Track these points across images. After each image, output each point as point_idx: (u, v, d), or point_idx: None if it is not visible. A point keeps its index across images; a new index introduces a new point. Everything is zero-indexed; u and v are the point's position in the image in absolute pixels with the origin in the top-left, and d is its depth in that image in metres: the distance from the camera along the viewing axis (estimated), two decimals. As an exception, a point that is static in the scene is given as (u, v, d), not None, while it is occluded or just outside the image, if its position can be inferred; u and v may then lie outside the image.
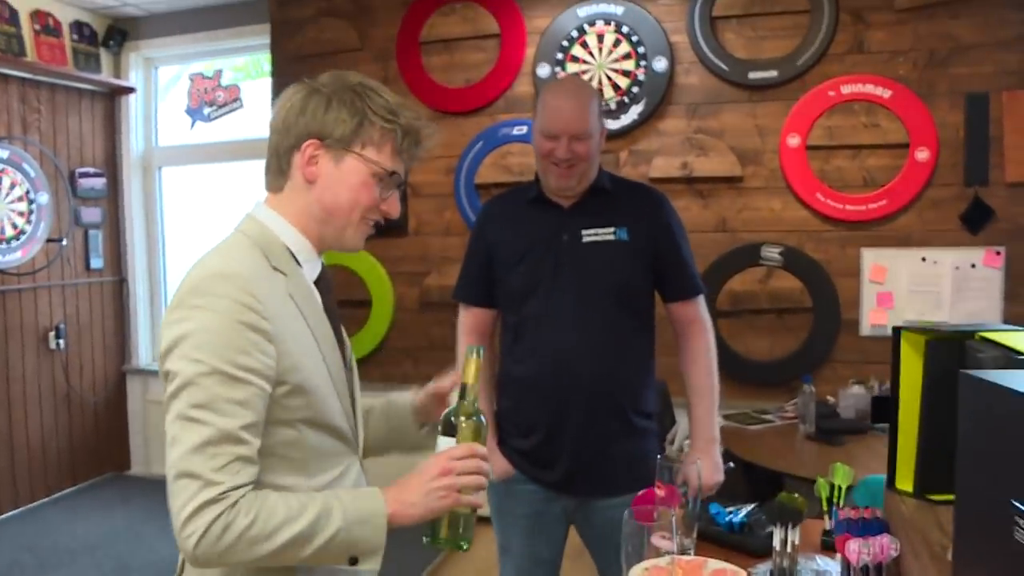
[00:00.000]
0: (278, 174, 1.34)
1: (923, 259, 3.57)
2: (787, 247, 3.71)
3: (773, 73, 3.69)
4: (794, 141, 3.67)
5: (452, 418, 1.30)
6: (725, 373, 3.72)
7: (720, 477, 2.11)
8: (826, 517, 1.58)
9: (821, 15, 3.60)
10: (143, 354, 5.22)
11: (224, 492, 1.12)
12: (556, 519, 2.18)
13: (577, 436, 2.09)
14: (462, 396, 1.32)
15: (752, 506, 1.64)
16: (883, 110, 3.57)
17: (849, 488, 1.55)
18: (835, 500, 1.56)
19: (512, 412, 2.23)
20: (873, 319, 3.64)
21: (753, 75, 3.72)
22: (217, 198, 5.06)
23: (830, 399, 3.46)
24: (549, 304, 2.08)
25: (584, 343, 2.05)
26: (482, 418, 1.31)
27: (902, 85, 3.54)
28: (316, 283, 1.37)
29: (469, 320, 2.32)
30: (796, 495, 1.39)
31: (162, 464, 1.20)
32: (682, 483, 1.52)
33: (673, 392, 3.75)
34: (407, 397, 1.55)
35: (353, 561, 1.22)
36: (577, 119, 2.03)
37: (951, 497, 1.20)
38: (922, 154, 3.53)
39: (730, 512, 1.65)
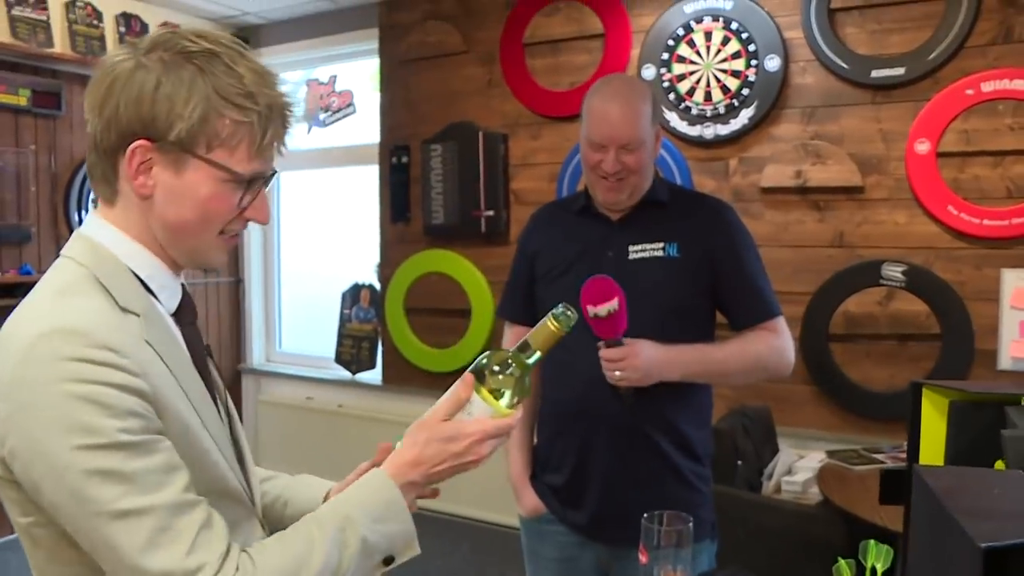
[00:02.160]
0: (105, 181, 1.05)
1: (1078, 283, 3.07)
2: (912, 266, 3.29)
3: (900, 71, 3.28)
4: (923, 147, 3.25)
5: (488, 367, 1.11)
6: (837, 403, 3.40)
7: (639, 381, 1.77)
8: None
9: (959, 1, 3.17)
10: (257, 354, 5.35)
11: (216, 571, 0.94)
12: (589, 568, 1.99)
13: (606, 476, 1.89)
14: (521, 349, 1.13)
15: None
16: (1034, 110, 3.10)
17: (887, 572, 1.27)
18: (868, 587, 1.28)
19: (545, 444, 2.06)
20: (1015, 351, 3.16)
21: (877, 73, 3.32)
22: (330, 202, 5.14)
23: (955, 440, 3.04)
24: (585, 325, 1.88)
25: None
26: (526, 380, 1.12)
27: (1058, 81, 3.06)
28: (177, 314, 1.10)
29: (512, 339, 2.17)
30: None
31: (276, 462, 1.06)
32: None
33: (779, 421, 3.44)
34: (320, 490, 1.29)
35: (389, 561, 1.08)
36: (626, 125, 1.82)
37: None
38: (1080, 161, 3.04)
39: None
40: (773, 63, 3.51)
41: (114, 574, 0.96)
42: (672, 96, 3.72)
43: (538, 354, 1.14)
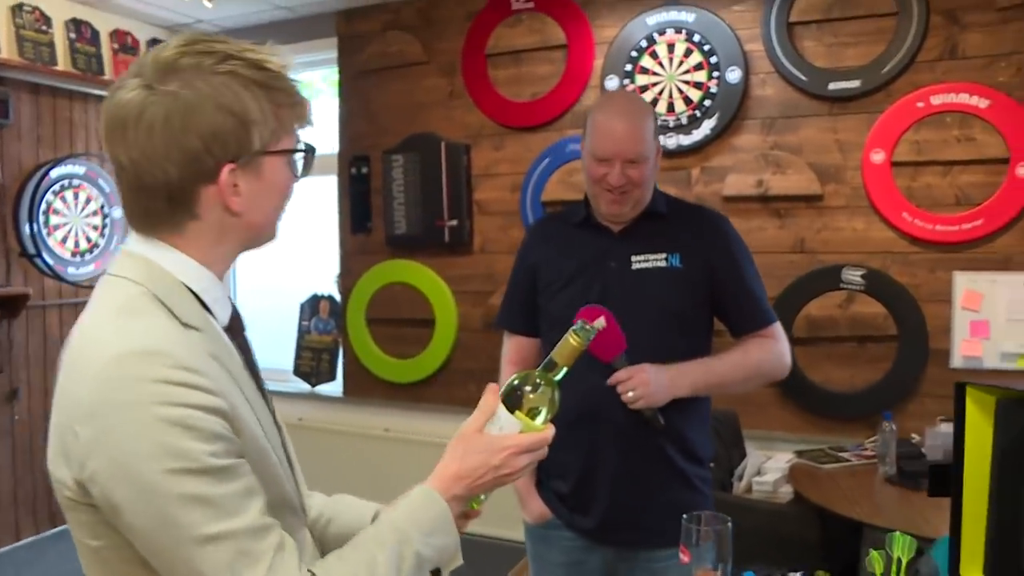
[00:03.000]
0: (173, 215, 1.02)
1: (1024, 285, 3.25)
2: (870, 270, 3.43)
3: (856, 83, 3.42)
4: (878, 157, 3.40)
5: (520, 388, 1.16)
6: (799, 404, 3.52)
7: (652, 397, 1.83)
8: (882, 597, 1.37)
9: (910, 18, 3.33)
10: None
11: None
12: (595, 571, 2.02)
13: (613, 481, 1.93)
14: (547, 368, 1.17)
15: (798, 574, 1.45)
16: (979, 122, 3.26)
17: (911, 563, 1.34)
18: (893, 575, 1.35)
19: (549, 451, 2.08)
20: (966, 350, 3.32)
21: (834, 86, 3.46)
22: (287, 212, 5.07)
23: (915, 437, 3.18)
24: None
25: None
26: (556, 395, 1.18)
27: (1002, 93, 3.22)
28: (228, 327, 1.10)
29: (512, 349, 2.18)
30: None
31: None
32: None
33: (745, 424, 3.54)
34: (366, 511, 1.29)
35: (436, 573, 1.11)
36: (631, 140, 1.87)
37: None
38: (1024, 170, 3.22)
39: (771, 582, 1.46)
40: (734, 75, 3.61)
41: None
42: (635, 107, 3.80)
43: (565, 370, 1.19)
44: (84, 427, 0.92)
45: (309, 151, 1.10)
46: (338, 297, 4.68)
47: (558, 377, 1.18)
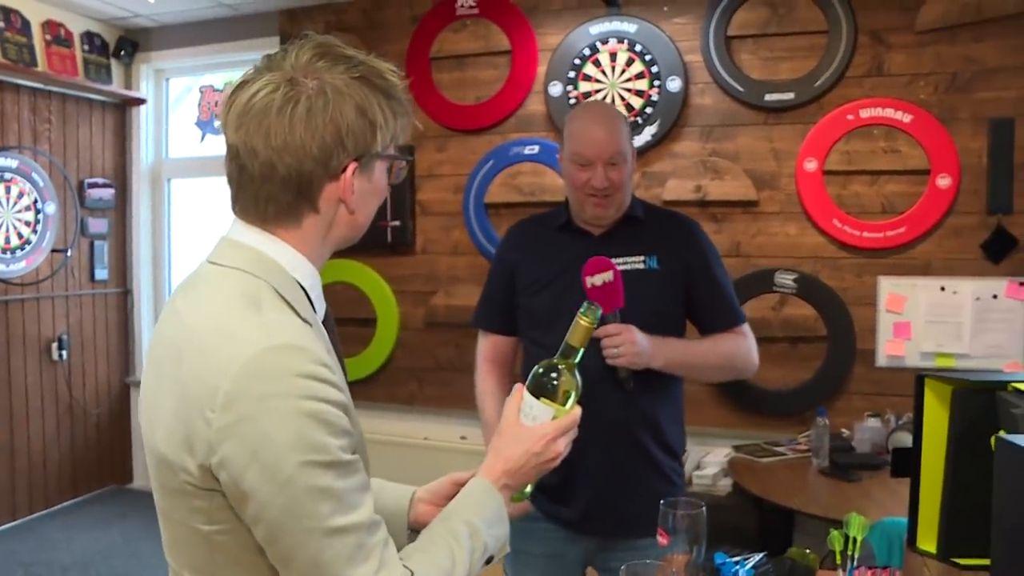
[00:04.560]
0: (296, 207, 1.05)
1: (942, 289, 3.46)
2: (802, 274, 3.61)
3: (790, 95, 3.60)
4: (811, 165, 3.58)
5: (545, 376, 1.23)
6: (736, 402, 3.67)
7: (634, 357, 1.89)
8: (840, 572, 1.49)
9: (839, 36, 3.52)
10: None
11: None
12: (574, 561, 2.08)
13: (595, 473, 1.98)
14: (565, 355, 1.25)
15: (760, 555, 1.55)
16: (903, 135, 3.47)
17: (865, 539, 1.46)
18: (850, 552, 1.47)
19: None
20: (890, 350, 3.53)
21: (769, 97, 3.63)
22: (224, 211, 5.02)
23: (845, 432, 3.36)
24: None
25: (607, 375, 1.94)
26: (578, 377, 1.25)
27: (923, 109, 3.44)
28: (323, 323, 1.15)
29: (488, 348, 2.23)
30: (808, 551, 1.30)
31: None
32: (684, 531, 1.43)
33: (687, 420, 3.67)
34: (403, 493, 1.33)
35: (489, 560, 1.16)
36: (610, 142, 1.95)
37: (980, 562, 1.11)
38: (943, 181, 3.43)
39: (736, 562, 1.56)
40: (674, 84, 3.75)
41: None
42: (578, 113, 3.91)
43: (581, 351, 1.26)
44: (220, 414, 0.94)
45: (410, 161, 1.17)
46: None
47: (578, 359, 1.25)
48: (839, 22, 3.52)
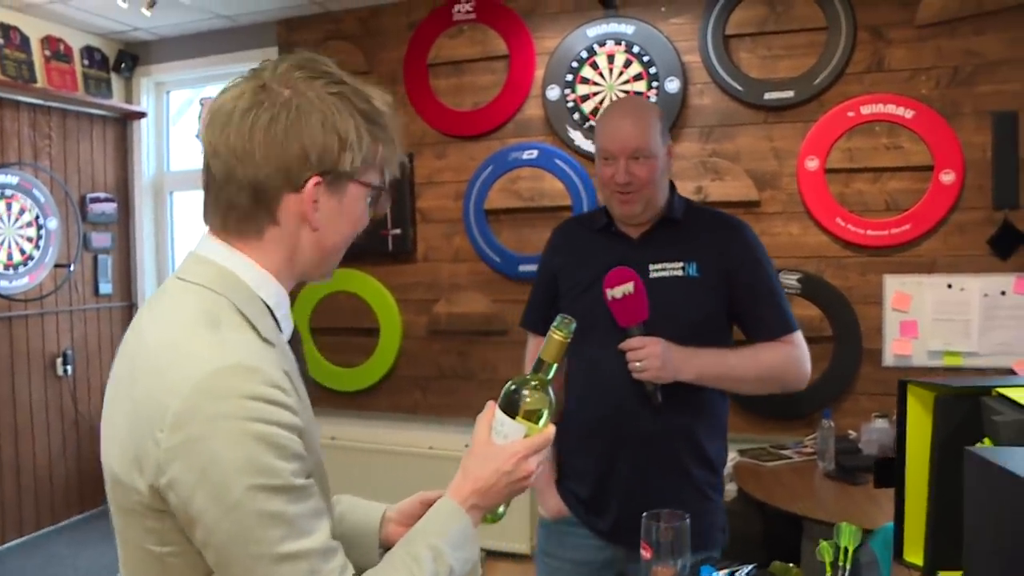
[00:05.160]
0: (256, 218, 1.04)
1: (949, 286, 3.40)
2: (805, 274, 3.56)
3: (789, 93, 3.55)
4: (812, 164, 3.53)
5: (516, 393, 1.18)
6: (741, 405, 3.61)
7: (659, 371, 1.83)
8: (830, 584, 1.44)
9: (838, 32, 3.47)
10: (152, 381, 5.15)
11: None
12: (604, 569, 2.04)
13: (628, 485, 1.95)
14: (536, 369, 1.20)
15: (749, 568, 1.51)
16: (905, 131, 3.41)
17: (856, 549, 1.41)
18: (841, 563, 1.42)
19: (568, 453, 2.09)
20: (897, 349, 3.47)
21: (769, 96, 3.58)
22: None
23: (851, 433, 3.30)
24: (609, 341, 1.90)
25: (637, 388, 1.89)
26: (551, 393, 1.20)
27: (925, 105, 3.38)
28: (289, 342, 1.12)
29: (534, 349, 2.20)
30: (791, 566, 1.25)
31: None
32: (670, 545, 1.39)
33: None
34: (375, 512, 1.31)
35: None
36: (635, 136, 1.89)
37: None
38: (947, 176, 3.37)
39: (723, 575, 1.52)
40: (673, 85, 3.71)
41: None
42: (576, 116, 3.87)
43: (554, 366, 1.21)
44: (169, 435, 0.92)
45: (389, 191, 1.13)
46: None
47: (550, 375, 1.21)
48: (838, 18, 3.47)
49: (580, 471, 2.03)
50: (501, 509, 1.19)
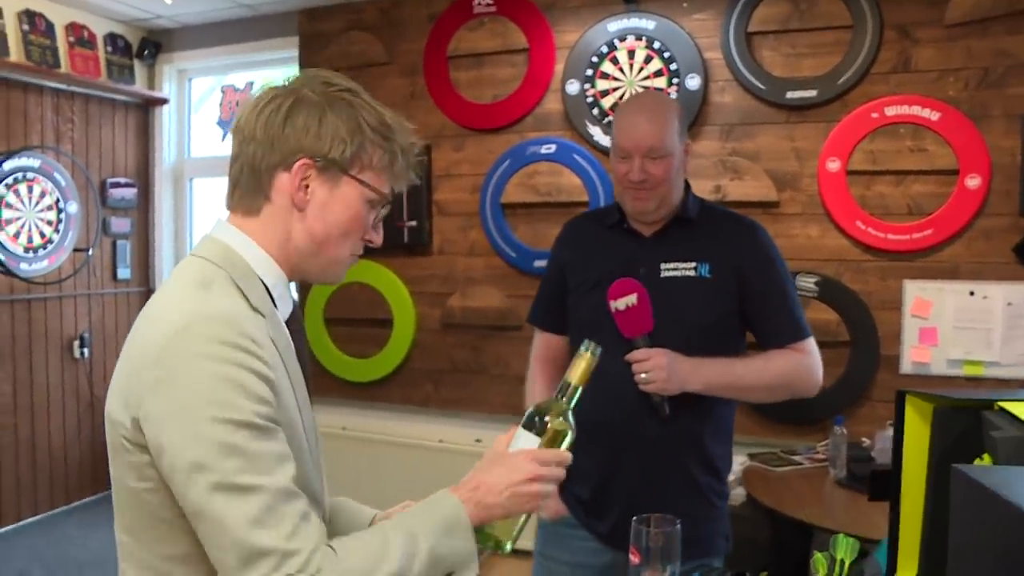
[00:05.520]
0: (254, 194, 1.15)
1: (971, 293, 3.32)
2: (823, 277, 3.49)
3: (812, 93, 3.48)
4: (834, 165, 3.46)
5: (538, 416, 1.21)
6: (753, 408, 3.56)
7: (665, 383, 1.80)
8: (825, 598, 1.40)
9: (864, 31, 3.39)
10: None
11: (306, 560, 0.99)
12: (601, 573, 2.01)
13: (630, 488, 1.91)
14: (561, 393, 1.22)
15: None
16: (931, 134, 3.34)
17: (853, 564, 1.37)
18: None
19: (572, 455, 2.06)
20: (915, 356, 3.40)
21: (791, 94, 3.52)
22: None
23: (865, 441, 3.24)
24: (616, 341, 1.86)
25: (644, 399, 1.86)
26: (572, 421, 1.22)
27: (952, 107, 3.30)
28: (287, 323, 1.21)
29: (540, 346, 2.18)
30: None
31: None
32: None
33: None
34: (364, 515, 1.35)
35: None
36: (651, 135, 1.85)
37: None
38: (973, 181, 3.29)
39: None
40: (693, 82, 3.66)
41: (215, 546, 1.00)
42: (596, 111, 3.83)
43: (579, 390, 1.24)
44: (150, 371, 1.02)
45: (385, 202, 1.21)
46: (296, 296, 4.64)
47: (575, 398, 1.24)
48: (864, 16, 3.40)
49: (582, 473, 1.99)
50: (508, 545, 1.19)
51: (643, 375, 1.80)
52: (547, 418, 1.20)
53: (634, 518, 1.39)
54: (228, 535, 0.97)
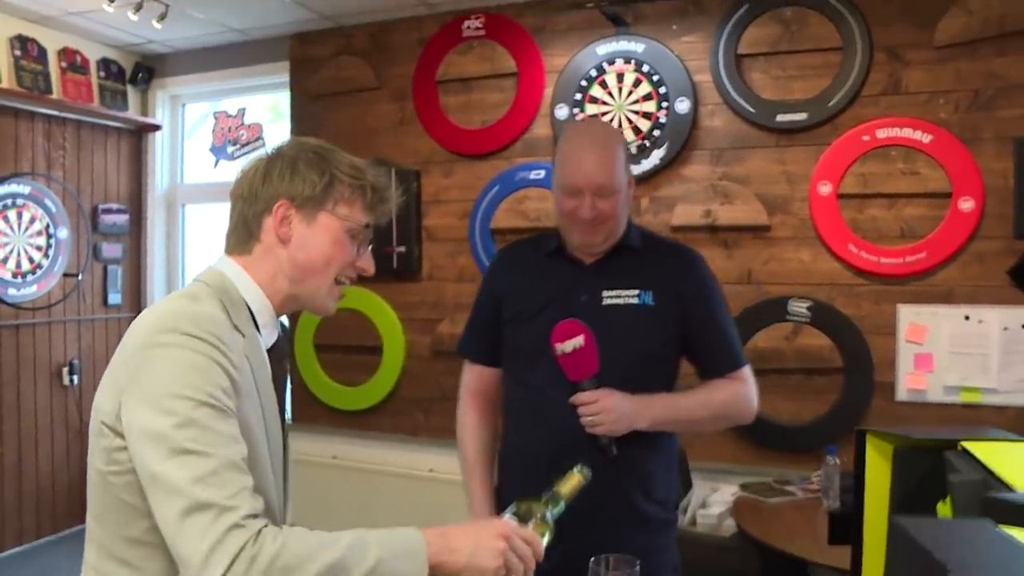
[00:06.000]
0: (246, 239, 1.33)
1: (966, 318, 3.25)
2: (816, 302, 3.43)
3: (802, 116, 3.44)
4: (825, 189, 3.41)
5: (521, 510, 1.29)
6: (747, 437, 3.49)
7: (613, 425, 1.78)
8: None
9: (854, 53, 3.36)
10: (158, 393, 5.14)
11: (245, 517, 1.06)
12: None
13: (574, 522, 1.86)
14: (549, 499, 1.29)
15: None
16: (923, 156, 3.29)
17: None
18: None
19: (509, 487, 2.01)
20: (910, 383, 3.33)
21: (781, 117, 3.47)
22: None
23: (859, 470, 3.16)
24: (557, 369, 1.83)
25: (591, 439, 1.82)
26: (552, 524, 1.31)
27: (943, 129, 3.26)
28: (269, 350, 1.35)
29: (472, 379, 2.10)
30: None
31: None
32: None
33: (691, 456, 3.51)
34: None
35: None
36: (602, 172, 1.81)
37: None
38: (966, 204, 3.24)
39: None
40: (683, 105, 3.62)
41: (162, 503, 1.08)
42: (585, 135, 3.78)
43: (563, 505, 1.34)
44: (132, 359, 1.16)
45: (366, 232, 1.36)
46: (287, 322, 4.60)
47: (558, 509, 1.34)
48: (854, 38, 3.36)
49: None
50: None
51: (590, 418, 1.77)
52: (530, 518, 1.28)
53: (592, 559, 1.33)
54: (174, 491, 1.06)
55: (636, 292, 1.88)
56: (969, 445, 0.95)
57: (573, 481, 1.31)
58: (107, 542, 1.21)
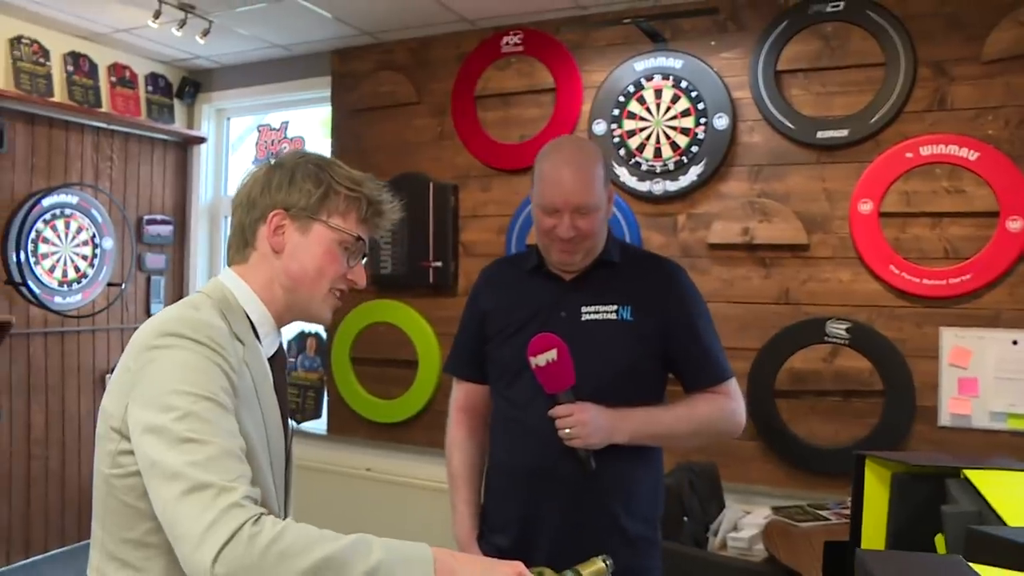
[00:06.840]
0: (243, 247, 1.38)
1: (1014, 342, 3.13)
2: (855, 323, 3.33)
3: (844, 132, 3.36)
4: (866, 207, 3.32)
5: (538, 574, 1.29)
6: (782, 458, 3.40)
7: (589, 438, 1.77)
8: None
9: (897, 68, 3.27)
10: (199, 402, 5.21)
11: (244, 498, 1.07)
12: None
13: (554, 538, 1.85)
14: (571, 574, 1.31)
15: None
16: (969, 174, 3.19)
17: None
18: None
19: (493, 503, 2.01)
20: (954, 408, 3.21)
21: (822, 134, 3.40)
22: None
23: (897, 498, 3.05)
24: (538, 385, 1.84)
25: (569, 452, 1.80)
26: None
27: (991, 146, 3.15)
28: (271, 359, 1.38)
29: (461, 396, 2.13)
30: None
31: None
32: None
33: (725, 477, 3.43)
34: None
35: None
36: (580, 191, 1.81)
37: None
38: (1014, 223, 3.12)
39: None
40: (721, 122, 3.56)
41: (162, 487, 1.09)
42: (622, 152, 3.76)
43: None
44: (136, 361, 1.20)
45: (360, 245, 1.39)
46: (324, 335, 4.64)
47: None
48: (897, 54, 3.28)
49: (504, 521, 1.92)
50: None
51: (567, 431, 1.76)
52: None
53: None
54: (173, 475, 1.07)
55: (615, 307, 1.88)
56: (971, 474, 0.90)
57: (594, 568, 1.30)
58: (109, 544, 1.24)
